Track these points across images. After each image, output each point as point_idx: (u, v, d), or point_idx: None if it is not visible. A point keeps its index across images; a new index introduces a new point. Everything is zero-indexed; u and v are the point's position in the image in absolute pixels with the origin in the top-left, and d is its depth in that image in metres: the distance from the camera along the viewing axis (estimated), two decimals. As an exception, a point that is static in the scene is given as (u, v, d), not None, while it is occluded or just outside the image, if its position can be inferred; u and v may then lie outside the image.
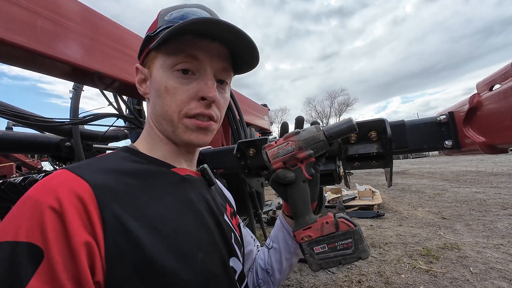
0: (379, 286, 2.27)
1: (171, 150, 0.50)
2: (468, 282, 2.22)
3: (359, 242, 0.44)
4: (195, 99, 0.45)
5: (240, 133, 1.99)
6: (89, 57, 1.04)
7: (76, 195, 0.32)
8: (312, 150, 0.50)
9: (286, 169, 0.52)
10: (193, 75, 0.46)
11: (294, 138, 0.51)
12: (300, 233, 0.49)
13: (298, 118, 0.58)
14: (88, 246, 0.30)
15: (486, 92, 0.65)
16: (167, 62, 0.45)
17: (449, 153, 0.87)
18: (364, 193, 5.63)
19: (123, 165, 0.43)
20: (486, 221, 3.82)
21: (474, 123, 0.69)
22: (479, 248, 2.90)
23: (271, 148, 0.53)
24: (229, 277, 0.46)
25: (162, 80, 0.45)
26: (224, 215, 0.55)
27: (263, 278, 0.63)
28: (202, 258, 0.40)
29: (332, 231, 0.47)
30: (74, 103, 1.58)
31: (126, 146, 0.50)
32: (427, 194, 6.41)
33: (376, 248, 3.16)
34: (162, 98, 0.45)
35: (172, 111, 0.45)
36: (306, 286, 2.38)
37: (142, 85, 0.51)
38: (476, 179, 8.10)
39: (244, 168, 0.94)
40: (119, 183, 0.38)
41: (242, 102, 2.41)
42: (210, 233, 0.46)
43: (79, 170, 0.36)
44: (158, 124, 0.49)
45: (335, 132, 0.49)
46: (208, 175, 0.56)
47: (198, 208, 0.46)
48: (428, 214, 4.51)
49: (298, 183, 0.51)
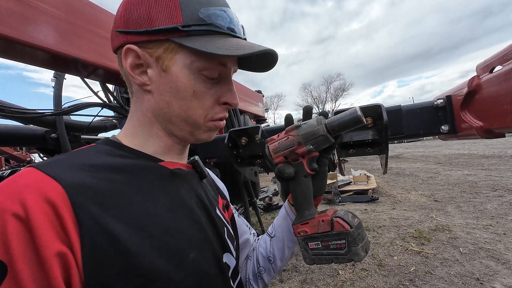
0: (372, 268, 2.34)
1: (165, 145, 0.47)
2: (458, 262, 2.30)
3: (352, 244, 0.43)
4: (217, 103, 0.45)
5: (233, 121, 1.94)
6: (64, 42, 0.96)
7: (46, 198, 0.28)
8: (312, 145, 0.47)
9: (288, 163, 0.51)
10: (216, 79, 0.44)
11: (294, 133, 0.49)
12: (298, 227, 0.50)
13: (306, 108, 0.55)
14: (61, 256, 0.27)
15: (486, 74, 0.61)
16: (197, 64, 0.41)
17: (445, 138, 0.85)
18: (359, 178, 5.71)
19: (104, 159, 0.38)
20: (476, 203, 3.93)
21: (471, 107, 0.66)
22: (469, 229, 3.00)
23: (273, 142, 0.52)
24: (222, 274, 0.45)
25: (189, 83, 0.41)
26: (216, 209, 0.53)
27: (264, 265, 0.63)
28: (193, 257, 0.39)
29: (327, 230, 0.46)
30: (57, 92, 1.50)
31: (107, 139, 0.45)
32: (420, 177, 6.54)
33: (370, 231, 3.24)
34: (187, 101, 0.42)
35: (199, 115, 0.44)
36: (301, 271, 2.44)
37: (141, 75, 0.42)
38: (468, 161, 8.27)
39: (236, 157, 0.90)
40: (100, 181, 0.34)
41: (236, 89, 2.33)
42: (202, 230, 0.43)
43: (49, 168, 0.32)
44: (166, 122, 0.45)
45: (338, 125, 0.45)
46: (200, 168, 0.53)
47: (189, 204, 0.44)
48: (421, 197, 4.61)
49: (299, 178, 0.50)
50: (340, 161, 0.99)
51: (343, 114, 0.45)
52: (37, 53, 0.91)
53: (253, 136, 0.84)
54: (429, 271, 2.21)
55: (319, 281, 2.23)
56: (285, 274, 2.40)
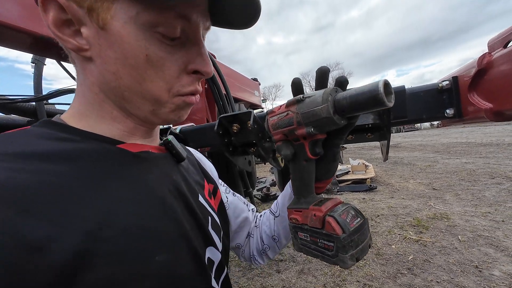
0: (370, 258, 2.33)
1: (125, 128, 0.38)
2: (456, 250, 2.29)
3: (340, 251, 0.36)
4: (185, 72, 0.36)
5: (227, 110, 1.85)
6: (34, 18, 0.86)
7: None
8: (314, 127, 0.37)
9: (287, 142, 0.43)
10: (179, 38, 0.34)
11: (295, 109, 0.39)
12: (291, 212, 0.46)
13: (320, 71, 0.39)
14: None
15: (499, 50, 0.55)
16: (146, 17, 0.30)
17: (448, 123, 0.79)
18: (357, 167, 5.70)
19: (35, 145, 0.30)
20: (474, 191, 3.93)
21: (480, 88, 0.61)
22: (468, 216, 2.99)
23: (272, 116, 0.43)
24: (203, 273, 0.38)
25: (138, 45, 0.31)
26: (199, 197, 0.46)
27: (268, 243, 0.61)
28: (162, 260, 0.32)
29: (317, 226, 0.40)
30: (36, 79, 1.40)
31: (46, 120, 0.35)
32: (418, 166, 6.55)
33: (368, 220, 3.23)
34: (140, 70, 0.32)
35: (160, 89, 0.34)
36: (299, 261, 2.43)
37: (74, 36, 0.32)
38: (466, 150, 8.29)
39: (227, 145, 0.83)
40: (25, 174, 0.26)
41: (230, 76, 2.23)
42: (176, 224, 0.36)
43: None
44: (119, 99, 0.35)
45: (349, 105, 0.33)
46: (175, 149, 0.45)
47: (158, 194, 0.36)
48: (419, 186, 4.61)
49: (298, 162, 0.43)
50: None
51: (360, 89, 0.32)
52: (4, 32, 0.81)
53: (245, 123, 0.76)
54: (427, 260, 2.19)
55: (317, 271, 2.22)
56: (282, 265, 2.39)
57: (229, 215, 0.59)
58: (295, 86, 0.41)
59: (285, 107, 0.41)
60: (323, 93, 0.36)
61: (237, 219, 0.61)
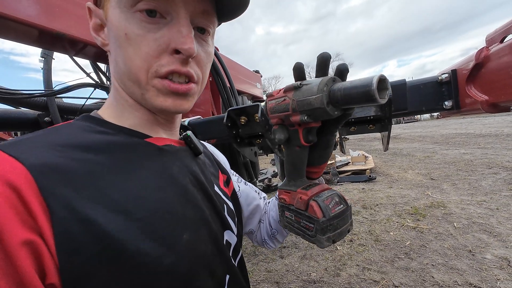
0: (369, 244, 2.42)
1: (144, 117, 0.41)
2: (452, 236, 2.39)
3: (319, 233, 0.40)
4: (166, 52, 0.35)
5: (232, 102, 1.89)
6: (47, 15, 0.89)
7: (7, 182, 0.25)
8: (308, 115, 0.37)
9: (283, 127, 0.43)
10: (163, 19, 0.35)
11: (291, 95, 0.39)
12: (281, 192, 0.50)
13: (322, 58, 0.37)
14: (30, 245, 0.24)
15: (496, 44, 0.58)
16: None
17: (447, 114, 0.83)
18: (357, 159, 5.77)
19: (79, 137, 0.34)
20: (471, 180, 4.01)
21: (477, 80, 0.64)
22: (464, 205, 3.08)
23: (271, 100, 0.43)
24: (222, 253, 0.43)
25: (120, 25, 0.34)
26: (215, 186, 0.50)
27: (276, 228, 0.64)
28: (188, 238, 0.36)
29: (301, 208, 0.44)
30: (46, 74, 1.43)
31: (86, 115, 0.40)
32: (417, 157, 6.62)
33: (367, 209, 3.32)
34: (123, 49, 0.35)
35: (138, 67, 0.35)
36: (301, 247, 2.53)
37: (99, 33, 0.39)
38: (464, 141, 8.35)
39: (235, 137, 0.88)
40: (73, 161, 0.30)
41: (232, 69, 2.25)
42: (197, 209, 0.40)
43: (14, 148, 0.28)
44: (123, 85, 0.39)
45: (341, 97, 0.33)
46: (193, 144, 0.48)
47: (181, 182, 0.40)
48: (418, 176, 4.70)
49: (291, 147, 0.44)
50: (342, 139, 0.97)
51: (355, 83, 0.32)
52: (18, 27, 0.84)
53: (253, 115, 0.80)
54: (423, 245, 2.29)
55: (318, 256, 2.32)
56: (285, 251, 2.49)
57: (241, 203, 0.62)
58: (297, 71, 0.39)
59: (283, 92, 0.41)
60: (319, 82, 0.35)
61: (249, 206, 0.65)
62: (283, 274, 2.11)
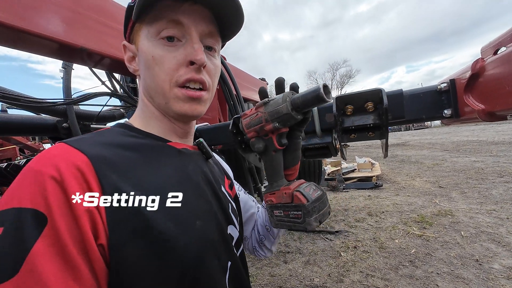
0: (374, 251, 2.41)
1: (166, 127, 0.51)
2: (458, 245, 2.35)
3: (307, 216, 0.47)
4: (183, 65, 0.45)
5: (237, 109, 1.95)
6: (72, 32, 0.98)
7: (75, 165, 0.33)
8: (278, 122, 0.47)
9: (259, 138, 0.53)
10: (179, 42, 0.45)
11: (262, 109, 0.49)
12: (267, 196, 0.55)
13: (278, 81, 0.52)
14: (90, 213, 0.32)
15: (490, 56, 0.62)
16: (151, 31, 0.44)
17: (447, 122, 0.86)
18: (363, 165, 5.73)
19: (119, 139, 0.44)
20: (481, 189, 3.93)
21: (474, 90, 0.66)
22: (472, 214, 3.02)
23: (245, 118, 0.53)
24: (226, 243, 0.49)
25: (148, 51, 0.45)
26: (222, 187, 0.57)
27: (263, 233, 0.70)
28: (200, 225, 0.43)
29: (288, 201, 0.50)
30: (66, 83, 1.54)
31: (121, 123, 0.51)
32: (425, 164, 6.51)
33: (373, 216, 3.30)
34: (151, 69, 0.45)
35: (163, 80, 0.45)
36: (305, 253, 2.54)
37: (131, 63, 0.51)
38: (476, 148, 8.14)
39: (240, 143, 0.94)
40: (116, 156, 0.39)
41: (238, 77, 2.33)
42: (207, 202, 0.48)
43: (76, 143, 0.37)
44: (151, 99, 0.49)
45: (301, 103, 0.45)
46: (205, 149, 0.57)
47: (195, 179, 0.48)
48: (425, 184, 4.62)
49: (268, 153, 0.53)
50: (342, 146, 1.01)
51: (307, 91, 0.45)
52: (45, 43, 0.94)
53: None
54: (429, 253, 2.27)
55: (322, 262, 2.33)
56: (289, 256, 2.50)
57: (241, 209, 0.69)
58: (262, 94, 0.53)
59: (255, 109, 0.51)
60: (282, 95, 0.48)
61: (246, 213, 0.71)
62: (286, 279, 2.12)
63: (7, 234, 0.28)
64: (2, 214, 0.30)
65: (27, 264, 0.27)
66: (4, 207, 0.30)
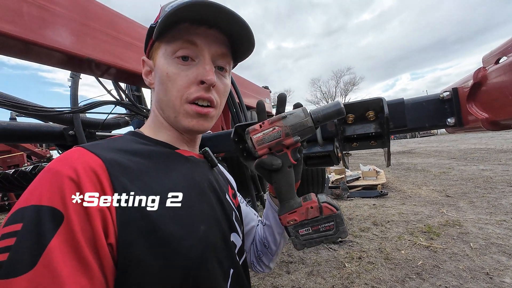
0: (379, 262, 2.35)
1: (174, 136, 0.53)
2: (468, 257, 2.27)
3: (340, 224, 0.47)
4: (194, 84, 0.48)
5: (240, 117, 1.97)
6: (79, 43, 1.02)
7: (91, 168, 0.36)
8: (300, 136, 0.48)
9: (272, 155, 0.51)
10: (193, 62, 0.48)
11: (281, 124, 0.49)
12: (286, 217, 0.51)
13: (281, 97, 0.55)
14: (102, 212, 0.34)
15: (491, 65, 0.62)
16: (168, 49, 0.48)
17: (452, 131, 0.85)
18: (368, 173, 5.65)
19: (130, 145, 0.46)
20: (490, 198, 3.82)
21: (478, 99, 0.66)
22: (481, 224, 2.93)
23: (256, 133, 0.50)
24: (228, 249, 0.50)
25: (163, 68, 0.48)
26: (226, 195, 0.58)
27: (261, 250, 0.70)
28: (204, 229, 0.44)
29: (316, 215, 0.49)
30: (73, 92, 1.58)
31: (132, 131, 0.54)
32: (432, 172, 6.39)
33: (378, 226, 3.23)
34: (165, 85, 0.48)
35: (174, 96, 0.48)
36: (308, 263, 2.48)
37: (148, 76, 0.54)
38: (484, 156, 7.98)
39: (242, 151, 0.94)
40: (127, 161, 0.41)
41: (242, 85, 2.36)
42: (212, 208, 0.49)
43: (92, 147, 0.40)
44: (162, 111, 0.52)
45: (322, 116, 0.48)
46: (210, 157, 0.59)
47: (200, 186, 0.49)
48: (432, 193, 4.52)
49: (284, 169, 0.51)
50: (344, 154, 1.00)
51: (327, 106, 0.49)
52: (54, 54, 0.97)
53: None
54: (437, 265, 2.19)
55: (326, 273, 2.27)
56: (292, 266, 2.45)
57: None
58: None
59: (269, 124, 0.50)
60: (302, 110, 0.49)
61: (246, 226, 0.70)
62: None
63: (26, 229, 0.30)
64: (22, 211, 0.32)
65: (44, 259, 0.29)
66: (24, 204, 0.32)
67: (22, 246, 0.29)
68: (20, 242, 0.29)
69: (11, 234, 0.30)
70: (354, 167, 7.44)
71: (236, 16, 0.46)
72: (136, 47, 1.24)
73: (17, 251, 0.29)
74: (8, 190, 2.55)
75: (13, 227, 0.30)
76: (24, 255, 0.29)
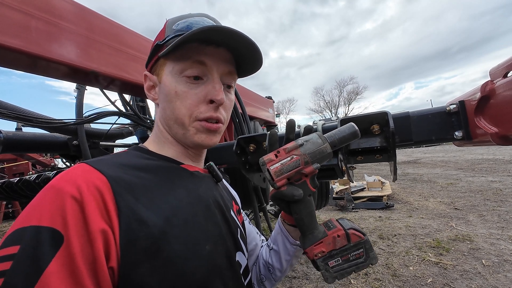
0: (386, 279, 2.25)
1: (179, 151, 0.53)
2: (480, 275, 2.17)
3: (369, 250, 0.45)
4: (204, 102, 0.48)
5: (243, 128, 1.97)
6: (85, 56, 1.03)
7: (95, 185, 0.34)
8: (319, 163, 0.47)
9: (291, 185, 0.48)
10: (201, 80, 0.48)
11: (299, 152, 0.46)
12: (313, 249, 0.47)
13: (290, 123, 0.54)
14: (104, 233, 0.32)
15: (500, 79, 0.60)
16: (176, 68, 0.47)
17: (459, 144, 0.82)
18: (373, 184, 5.55)
19: (135, 161, 0.45)
20: (501, 212, 3.69)
21: (486, 112, 0.64)
22: (493, 239, 2.82)
23: (273, 164, 0.47)
24: (234, 270, 0.48)
25: (171, 86, 0.48)
26: (231, 211, 0.57)
27: (265, 274, 0.66)
28: (209, 249, 0.42)
29: (345, 244, 0.46)
30: (78, 103, 1.61)
31: (136, 146, 0.53)
32: (439, 184, 6.24)
33: (384, 240, 3.13)
34: (173, 102, 0.48)
35: (183, 114, 0.47)
36: (312, 278, 2.40)
37: (151, 91, 0.54)
38: (492, 167, 7.80)
39: (244, 164, 0.92)
40: (132, 177, 0.40)
41: (245, 96, 2.37)
42: (217, 226, 0.47)
43: (96, 164, 0.39)
44: (168, 127, 0.51)
45: (338, 140, 0.47)
46: (215, 172, 0.58)
47: (206, 202, 0.48)
48: (440, 205, 4.40)
49: (304, 199, 0.48)
50: (348, 168, 0.98)
51: (342, 129, 0.48)
52: (60, 67, 0.99)
53: (261, 143, 0.86)
54: (447, 283, 2.09)
55: (331, 290, 2.18)
56: (295, 282, 2.37)
57: None
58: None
59: (286, 153, 0.47)
60: (319, 135, 0.48)
61: (249, 244, 0.68)
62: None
63: (23, 253, 0.29)
64: (21, 232, 0.30)
65: (40, 285, 0.28)
66: (23, 225, 0.31)
67: (18, 271, 0.28)
68: (16, 267, 0.28)
69: (7, 257, 0.29)
70: (358, 177, 7.33)
71: (246, 38, 0.46)
72: (140, 59, 1.26)
73: (12, 277, 0.28)
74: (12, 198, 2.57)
75: (10, 250, 0.29)
76: (20, 281, 0.28)
